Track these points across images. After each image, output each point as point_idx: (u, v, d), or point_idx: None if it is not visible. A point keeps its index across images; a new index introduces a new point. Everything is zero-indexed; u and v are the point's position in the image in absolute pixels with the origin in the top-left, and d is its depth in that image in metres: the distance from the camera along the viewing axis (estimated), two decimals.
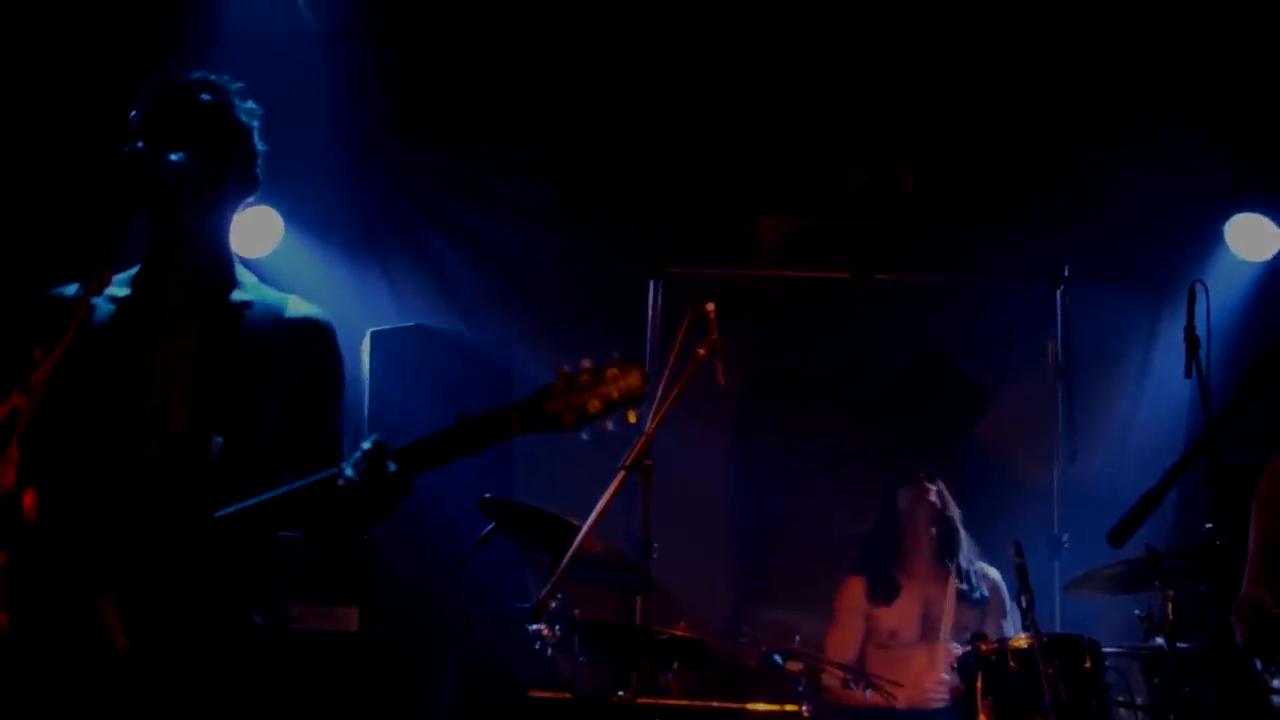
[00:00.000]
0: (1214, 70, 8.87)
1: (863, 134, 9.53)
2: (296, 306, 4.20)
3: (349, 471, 3.67)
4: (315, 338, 4.20)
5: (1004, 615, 8.31)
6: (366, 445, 3.69)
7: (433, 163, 9.61)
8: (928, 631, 8.24)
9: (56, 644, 3.68)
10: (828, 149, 9.57)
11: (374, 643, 7.54)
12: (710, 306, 6.46)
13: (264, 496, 3.79)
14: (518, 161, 9.55)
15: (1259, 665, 6.03)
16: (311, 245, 9.33)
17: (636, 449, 6.14)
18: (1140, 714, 7.38)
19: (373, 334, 8.72)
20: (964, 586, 8.29)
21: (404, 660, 8.15)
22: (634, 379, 3.70)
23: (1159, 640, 7.04)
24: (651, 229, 9.70)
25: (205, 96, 4.10)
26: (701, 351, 6.42)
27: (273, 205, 9.02)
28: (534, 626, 6.66)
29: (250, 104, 4.20)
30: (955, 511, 8.48)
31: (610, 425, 3.73)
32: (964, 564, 8.35)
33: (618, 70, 9.23)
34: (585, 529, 6.04)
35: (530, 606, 6.36)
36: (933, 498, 8.42)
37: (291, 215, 9.13)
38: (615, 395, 3.69)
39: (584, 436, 3.74)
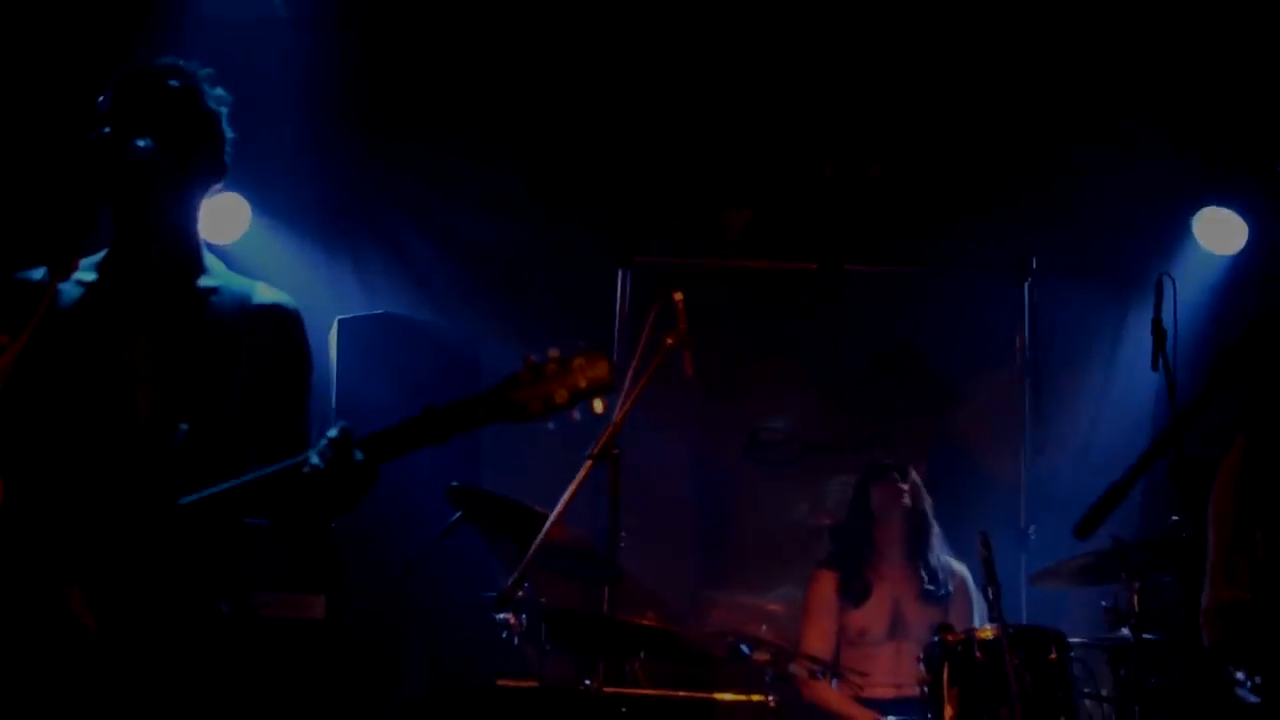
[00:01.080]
0: (1182, 64, 8.89)
1: (831, 125, 9.53)
2: (263, 293, 4.18)
3: (314, 459, 3.67)
4: (282, 324, 4.18)
5: (971, 609, 8.33)
6: (333, 433, 3.68)
7: (401, 151, 9.58)
8: (896, 629, 8.25)
9: (23, 632, 3.66)
10: (796, 140, 9.57)
11: (340, 631, 7.52)
12: (678, 296, 6.46)
13: (230, 484, 3.78)
14: (486, 151, 9.52)
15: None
16: (279, 232, 9.31)
17: (604, 438, 6.14)
18: (1106, 705, 7.39)
19: (340, 322, 8.70)
20: (930, 587, 8.31)
21: (370, 649, 8.14)
22: (600, 369, 3.70)
23: (1125, 631, 7.06)
24: (620, 219, 9.69)
25: (173, 82, 4.08)
26: (669, 341, 6.42)
27: (241, 192, 8.99)
28: (501, 615, 6.66)
29: (219, 90, 4.19)
30: (928, 504, 8.49)
31: (576, 415, 3.73)
32: (932, 561, 8.37)
33: (589, 61, 9.22)
34: (552, 518, 6.04)
35: (497, 595, 6.35)
36: (905, 498, 8.43)
37: (259, 202, 9.10)
38: (582, 385, 3.69)
39: (550, 426, 3.74)
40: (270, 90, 8.27)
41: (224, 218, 8.92)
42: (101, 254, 4.13)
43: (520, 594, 6.40)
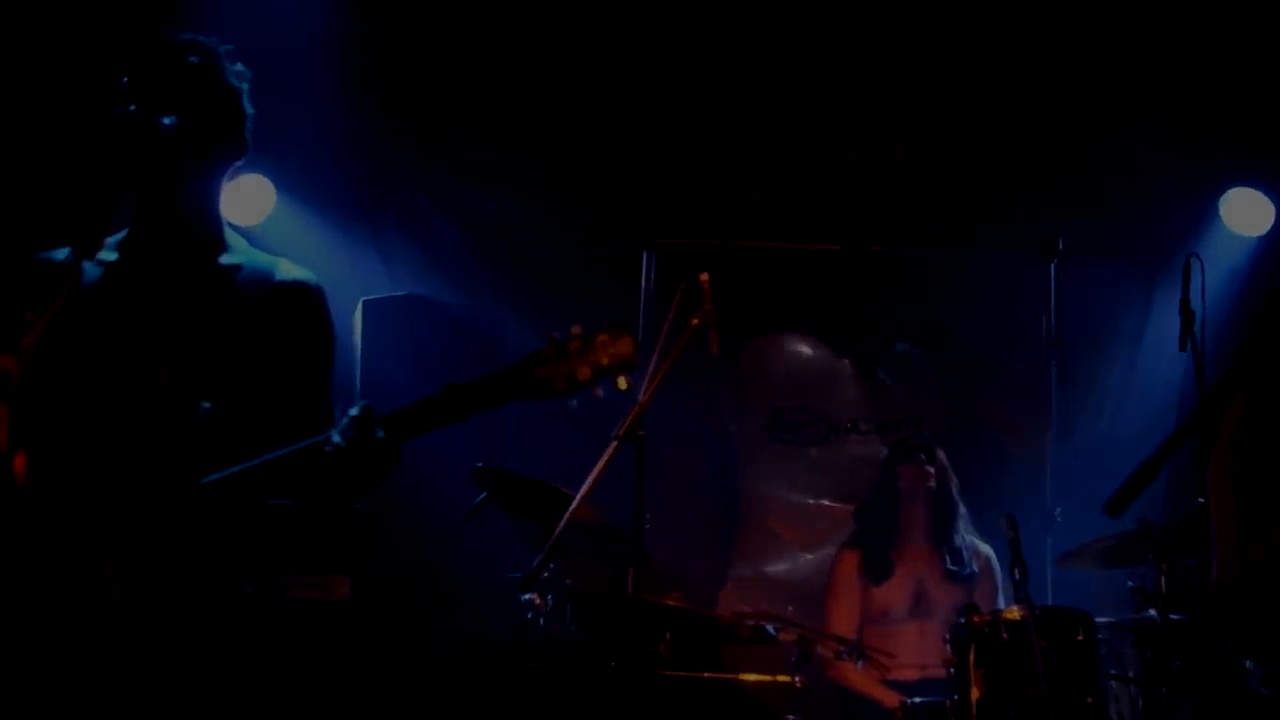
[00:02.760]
0: (1209, 44, 8.85)
1: (857, 107, 9.50)
2: (286, 270, 4.18)
3: (336, 438, 3.66)
4: (305, 301, 4.16)
5: (996, 590, 8.32)
6: (354, 411, 3.67)
7: (425, 133, 9.57)
8: (919, 609, 8.24)
9: (48, 607, 3.67)
10: (822, 122, 9.55)
11: (365, 612, 7.53)
12: (704, 277, 6.43)
13: (252, 463, 3.77)
14: (511, 133, 9.50)
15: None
16: (304, 214, 9.31)
17: (630, 419, 6.12)
18: (1133, 687, 7.38)
19: (365, 303, 8.70)
20: (953, 567, 8.31)
21: (396, 630, 8.15)
22: (624, 345, 3.68)
23: (1151, 613, 7.05)
24: (645, 201, 9.68)
25: (194, 59, 4.08)
26: (695, 322, 6.40)
27: (265, 174, 8.99)
28: (526, 596, 6.66)
29: (239, 66, 4.18)
30: (954, 485, 8.48)
31: (600, 392, 3.71)
32: (956, 542, 8.36)
33: (614, 43, 9.19)
34: (578, 499, 6.03)
35: (523, 576, 6.35)
36: (931, 480, 8.42)
37: (284, 184, 9.10)
38: (605, 361, 3.67)
39: (573, 404, 3.72)
40: (296, 72, 8.25)
41: (249, 199, 8.93)
42: (123, 233, 4.12)
43: (546, 575, 6.41)
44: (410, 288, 9.18)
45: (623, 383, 3.72)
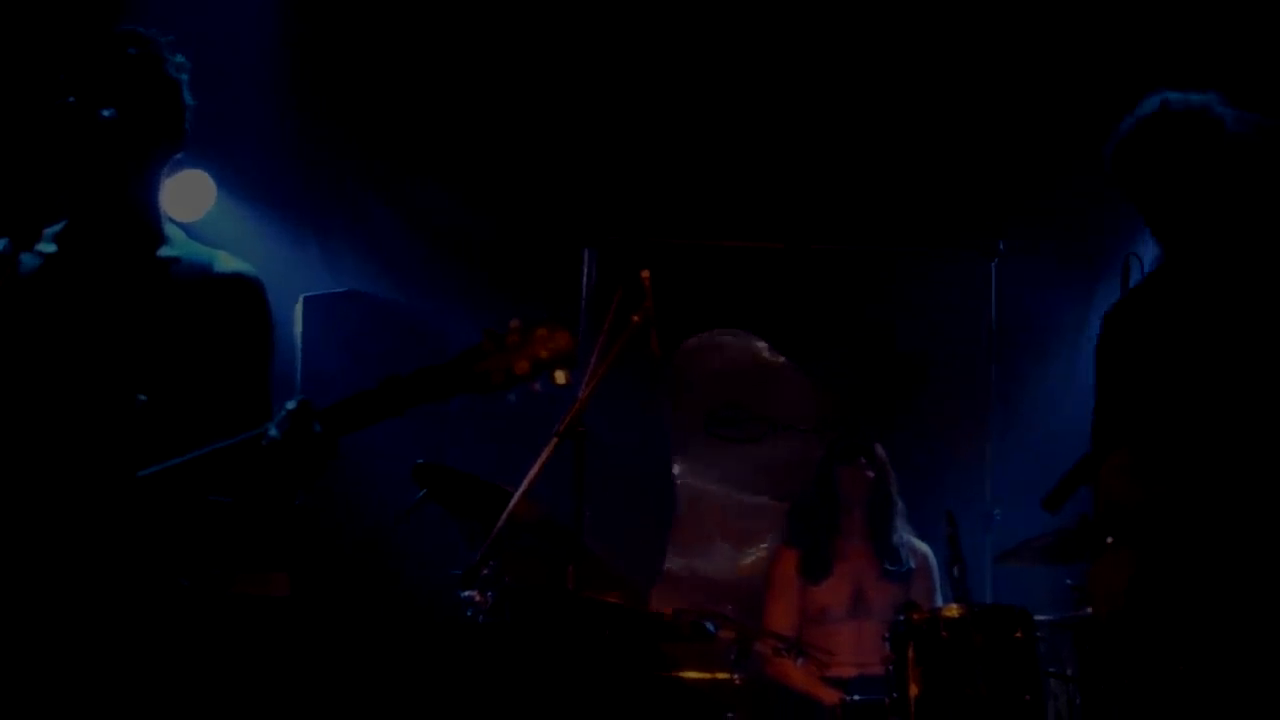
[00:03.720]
0: (1151, 43, 8.90)
1: (799, 105, 9.52)
2: (225, 262, 4.16)
3: (273, 431, 3.64)
4: (244, 294, 4.15)
5: (934, 587, 8.36)
6: (291, 405, 3.66)
7: (369, 129, 9.54)
8: (857, 607, 8.27)
9: None
10: (764, 120, 9.56)
11: (304, 608, 7.50)
12: (645, 274, 6.44)
13: (188, 456, 3.75)
14: (453, 129, 9.49)
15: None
16: (245, 209, 9.26)
17: (570, 416, 6.13)
18: (1071, 684, 7.40)
19: (305, 299, 8.67)
20: (891, 567, 8.34)
21: (334, 626, 8.12)
22: (562, 340, 3.68)
23: (1090, 610, 7.07)
24: (587, 197, 9.67)
25: (134, 50, 4.06)
26: (636, 319, 6.41)
27: (207, 169, 8.94)
28: (466, 593, 6.64)
29: (180, 58, 4.16)
30: (894, 482, 8.51)
31: (538, 387, 3.71)
32: (894, 540, 8.39)
33: (556, 40, 9.20)
34: (517, 495, 6.03)
35: (462, 573, 6.34)
36: (871, 481, 8.44)
37: (225, 180, 9.06)
38: (543, 355, 3.67)
39: (511, 399, 3.72)
40: (239, 67, 8.23)
41: (190, 195, 8.87)
42: (61, 224, 4.10)
43: (485, 571, 6.40)
44: (352, 284, 9.16)
45: (561, 377, 3.72)
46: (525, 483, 6.03)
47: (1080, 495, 6.31)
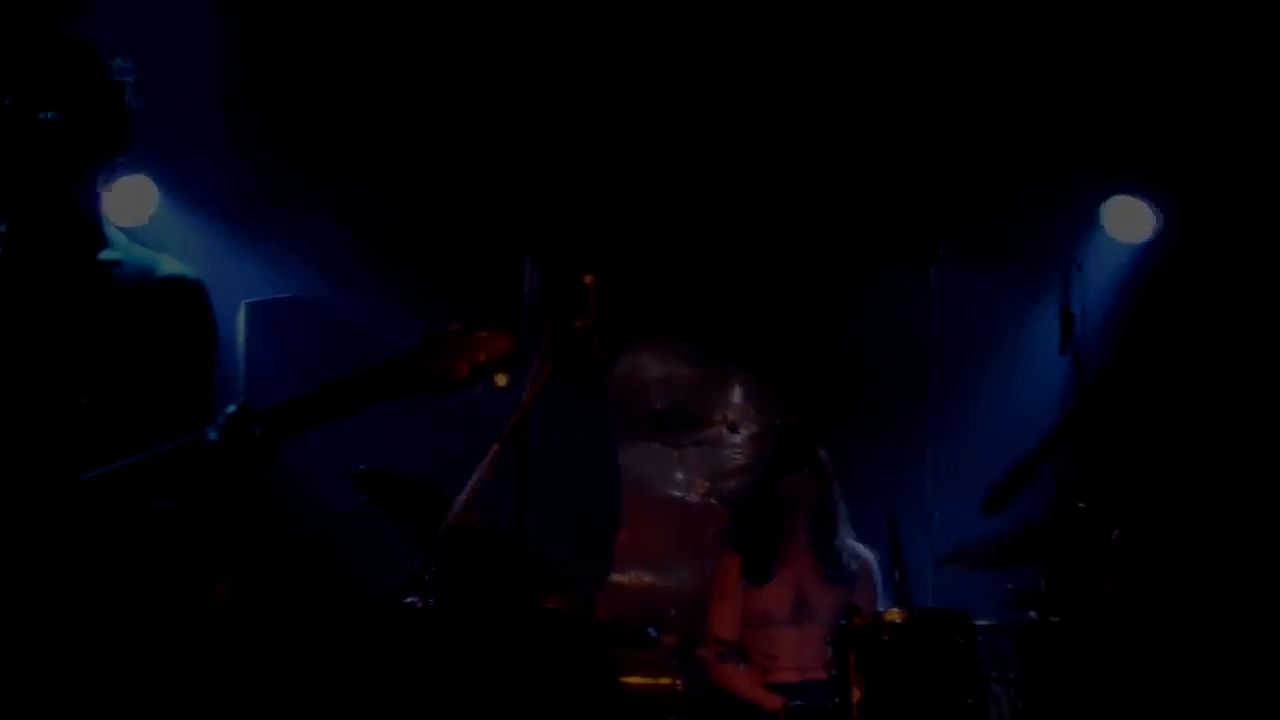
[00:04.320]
0: (1092, 52, 8.95)
1: (741, 111, 9.54)
2: (168, 265, 4.13)
3: (213, 435, 3.63)
4: (186, 297, 4.11)
5: (876, 592, 8.38)
6: (231, 409, 3.64)
7: (312, 134, 9.51)
8: (800, 612, 8.29)
9: None
10: (704, 125, 9.57)
11: (245, 615, 7.48)
12: (588, 279, 6.45)
13: (128, 461, 3.74)
14: (397, 135, 9.48)
15: None
16: (187, 215, 9.23)
17: (512, 421, 6.12)
18: (1012, 688, 7.43)
19: (248, 305, 8.65)
20: (833, 572, 8.37)
21: (276, 633, 8.10)
22: (502, 342, 3.68)
23: (1031, 614, 7.11)
24: (529, 203, 9.66)
25: (75, 52, 4.03)
26: (578, 324, 6.41)
27: (149, 174, 8.91)
28: (408, 599, 6.63)
29: (121, 61, 4.14)
30: (836, 486, 8.53)
31: (479, 390, 3.70)
32: (836, 545, 8.42)
33: (495, 46, 9.19)
34: (459, 501, 6.02)
35: (403, 579, 6.33)
36: (813, 488, 8.46)
37: (167, 185, 9.03)
38: (483, 358, 3.66)
39: (451, 402, 3.71)
40: (181, 72, 8.19)
41: (132, 200, 8.84)
42: (0, 228, 4.07)
43: (427, 577, 6.39)
44: (295, 289, 9.13)
45: (501, 380, 3.71)
46: (467, 488, 6.03)
47: (1022, 501, 6.37)
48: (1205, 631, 8.45)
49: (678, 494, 10.03)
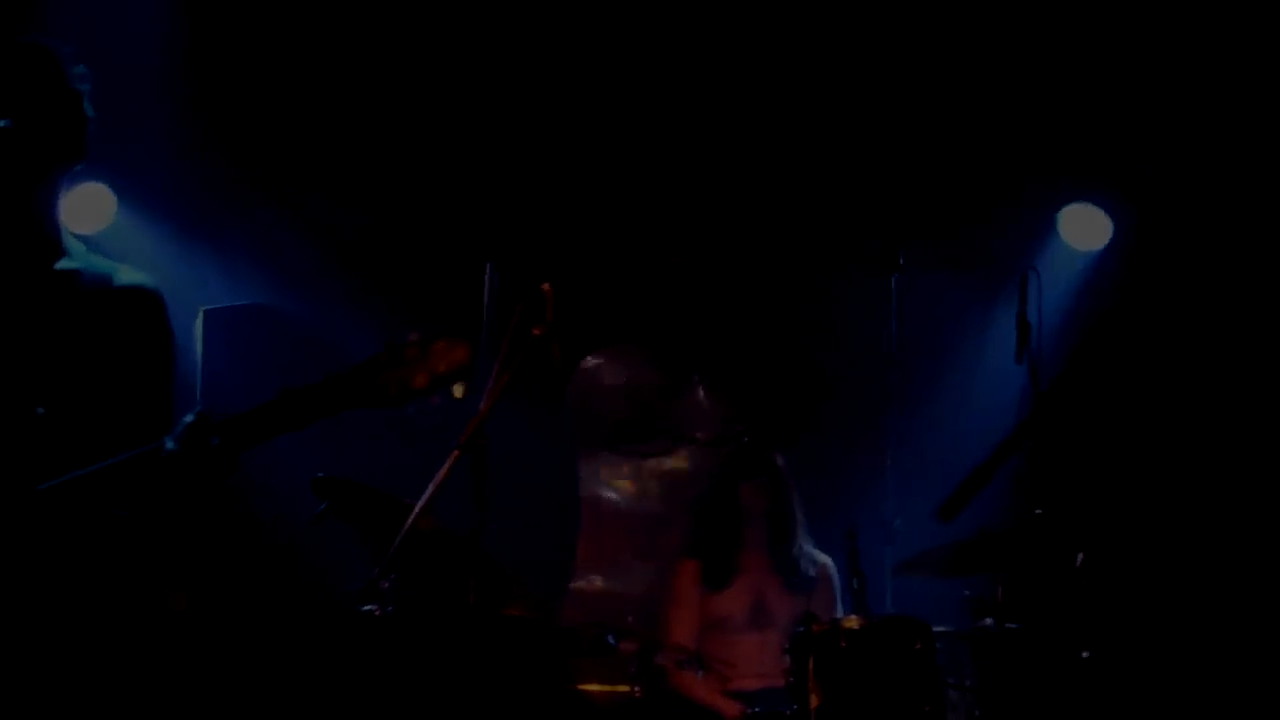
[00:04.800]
0: (1049, 61, 8.99)
1: (703, 121, 9.55)
2: (125, 275, 4.14)
3: (170, 444, 3.63)
4: (144, 306, 4.13)
5: (834, 599, 8.40)
6: (189, 418, 3.64)
7: (270, 141, 9.49)
8: (758, 618, 8.30)
9: None
10: (665, 135, 9.58)
11: (204, 624, 7.46)
12: (546, 287, 6.44)
13: (87, 470, 3.73)
14: (357, 142, 9.46)
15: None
16: (144, 222, 9.20)
17: (470, 429, 6.12)
18: (969, 695, 7.46)
19: (206, 312, 8.62)
20: (790, 579, 8.38)
21: (235, 641, 8.08)
22: (459, 353, 3.69)
23: (988, 622, 7.13)
24: (488, 211, 9.66)
25: (32, 60, 4.02)
26: (537, 332, 6.40)
27: (106, 182, 8.88)
28: (367, 607, 6.63)
29: (80, 69, 4.13)
30: (794, 494, 8.54)
31: (437, 400, 3.71)
32: (794, 553, 8.43)
33: (455, 55, 9.19)
34: (418, 508, 6.01)
35: (362, 586, 6.32)
36: (772, 496, 8.48)
37: (124, 192, 9.00)
38: (441, 369, 3.67)
39: (410, 411, 3.72)
40: (139, 79, 8.18)
41: (89, 207, 8.81)
42: None
43: (385, 585, 6.38)
44: (252, 297, 9.11)
45: (458, 391, 3.73)
46: (425, 496, 6.02)
47: (980, 508, 6.38)
48: (1164, 636, 8.49)
49: (636, 501, 10.04)
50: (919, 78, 9.24)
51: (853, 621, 7.07)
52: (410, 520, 5.99)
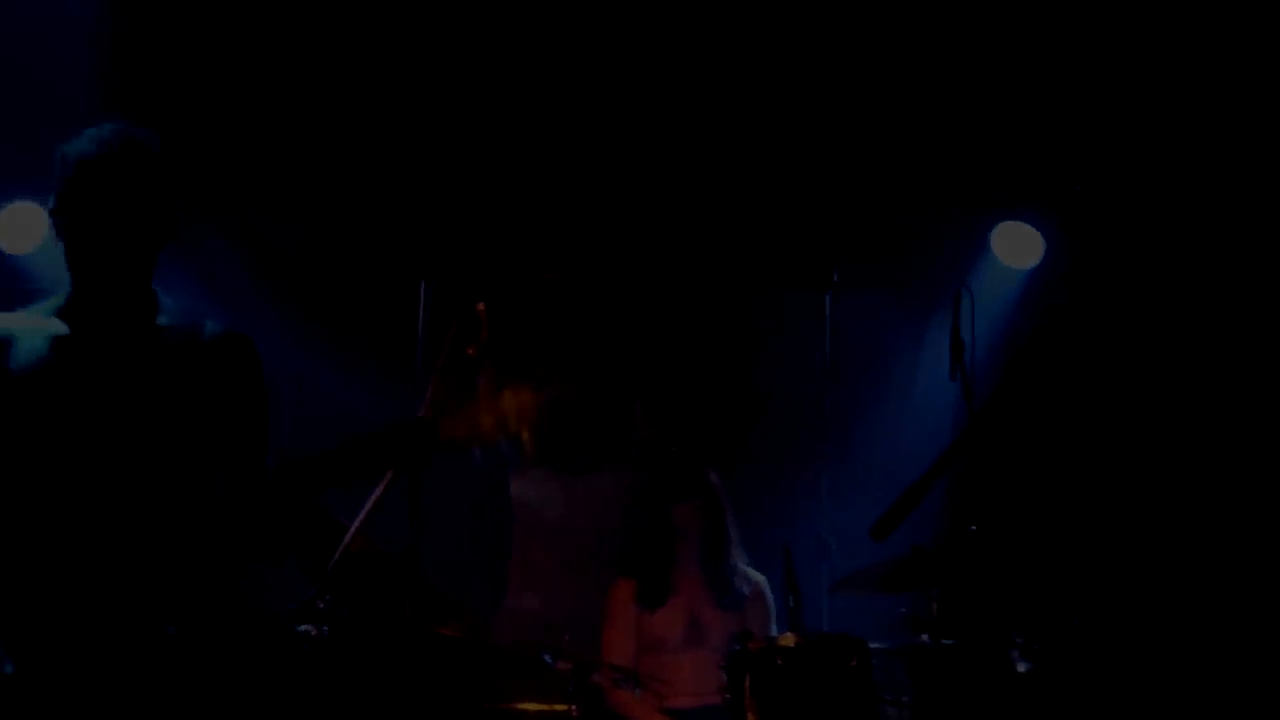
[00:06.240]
0: (981, 78, 9.03)
1: (637, 140, 9.56)
2: (213, 325, 4.41)
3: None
4: (237, 352, 4.40)
5: (769, 616, 8.41)
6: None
7: (204, 160, 9.44)
8: (693, 637, 8.30)
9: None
10: (602, 152, 9.59)
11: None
12: (480, 306, 6.43)
13: (226, 520, 4.26)
14: (291, 160, 9.43)
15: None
16: None
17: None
18: (906, 711, 7.48)
19: None
20: (724, 597, 8.39)
21: (169, 659, 8.01)
22: (526, 398, 4.01)
23: (924, 638, 7.15)
24: (423, 231, 9.64)
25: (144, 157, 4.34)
26: (470, 351, 6.40)
27: (38, 201, 8.82)
28: (302, 627, 6.60)
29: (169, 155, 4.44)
30: (728, 511, 8.55)
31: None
32: (727, 572, 8.43)
33: (393, 74, 9.17)
34: (353, 528, 5.99)
35: (297, 607, 6.30)
36: (705, 516, 8.48)
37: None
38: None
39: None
40: (68, 92, 8.12)
41: (21, 227, 8.75)
42: (57, 300, 4.30)
43: (321, 605, 6.36)
44: None
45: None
46: (361, 515, 6.00)
47: (914, 526, 6.41)
48: (1103, 653, 8.53)
49: (570, 520, 10.03)
50: (852, 97, 9.26)
51: (789, 639, 7.07)
52: (346, 540, 5.98)
